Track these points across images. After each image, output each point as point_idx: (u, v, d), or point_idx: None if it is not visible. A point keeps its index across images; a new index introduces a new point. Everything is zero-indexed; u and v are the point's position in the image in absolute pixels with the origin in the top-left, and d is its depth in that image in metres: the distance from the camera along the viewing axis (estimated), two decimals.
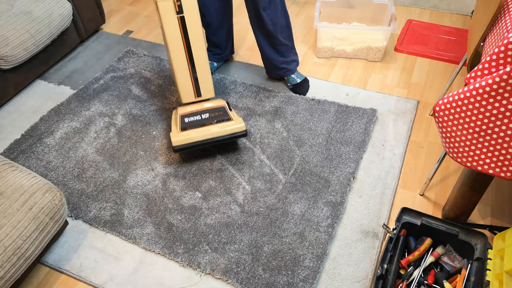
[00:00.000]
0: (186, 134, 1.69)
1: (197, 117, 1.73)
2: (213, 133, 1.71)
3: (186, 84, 1.74)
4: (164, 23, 1.61)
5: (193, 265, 1.46)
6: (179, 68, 1.70)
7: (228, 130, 1.72)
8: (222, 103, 1.77)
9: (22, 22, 2.02)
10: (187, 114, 1.73)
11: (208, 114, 1.74)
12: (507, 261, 1.15)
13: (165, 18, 1.60)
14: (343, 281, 1.41)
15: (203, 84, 1.76)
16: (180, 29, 1.63)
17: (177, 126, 1.72)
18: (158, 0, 1.57)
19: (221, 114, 1.75)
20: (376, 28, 2.19)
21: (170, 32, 1.63)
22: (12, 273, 1.21)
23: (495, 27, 1.25)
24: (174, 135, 1.69)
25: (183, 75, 1.72)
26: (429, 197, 1.66)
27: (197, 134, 1.70)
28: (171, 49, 1.66)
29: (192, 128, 1.71)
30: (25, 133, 1.95)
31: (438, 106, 1.20)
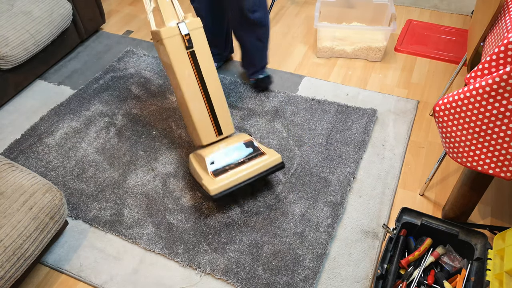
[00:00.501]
0: (221, 182, 1.49)
1: (226, 158, 1.57)
2: (251, 173, 1.53)
3: (205, 124, 1.56)
4: (173, 61, 1.46)
5: (193, 265, 1.46)
6: (195, 108, 1.53)
7: (265, 165, 1.56)
8: (247, 136, 1.63)
9: (22, 22, 2.02)
10: (213, 156, 1.56)
11: (237, 152, 1.59)
12: (507, 261, 1.15)
13: (174, 55, 1.46)
14: (343, 281, 1.41)
15: (223, 120, 1.60)
16: (192, 65, 1.49)
17: (207, 170, 1.53)
18: (164, 37, 1.44)
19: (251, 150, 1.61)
20: (376, 28, 2.19)
21: (181, 70, 1.48)
22: (12, 273, 1.21)
23: (495, 27, 1.25)
24: (209, 183, 1.48)
25: (201, 114, 1.54)
26: (429, 197, 1.66)
27: (232, 179, 1.50)
28: (184, 88, 1.50)
29: (223, 171, 1.53)
30: (25, 133, 1.95)
31: (438, 106, 1.20)
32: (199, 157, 1.59)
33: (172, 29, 1.46)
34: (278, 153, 1.61)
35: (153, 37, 1.53)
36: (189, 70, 1.50)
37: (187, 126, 1.64)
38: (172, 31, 1.46)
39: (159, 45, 1.50)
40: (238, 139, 1.62)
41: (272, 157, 1.58)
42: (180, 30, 1.47)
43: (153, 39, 1.54)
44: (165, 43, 1.45)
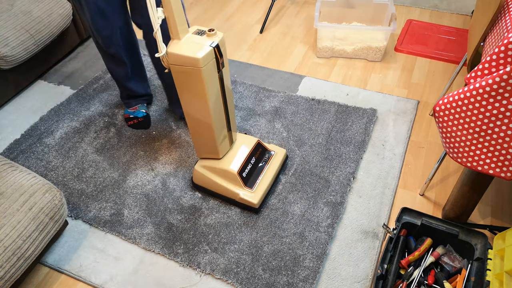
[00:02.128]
0: (259, 190, 1.56)
1: (250, 166, 1.59)
2: (273, 175, 1.64)
3: (223, 138, 1.53)
4: (207, 89, 1.29)
5: (193, 265, 1.46)
6: (218, 126, 1.45)
7: (279, 163, 1.68)
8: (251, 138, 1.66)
9: (22, 22, 2.02)
10: (241, 168, 1.56)
11: (254, 157, 1.62)
12: (507, 261, 1.15)
13: (208, 83, 1.27)
14: (343, 281, 1.41)
15: (233, 128, 1.59)
16: (220, 86, 1.36)
17: (241, 186, 1.55)
18: (202, 65, 1.22)
19: (262, 151, 1.67)
20: (376, 28, 2.19)
21: (212, 95, 1.32)
22: (12, 273, 1.21)
23: (495, 27, 1.25)
24: (251, 198, 1.54)
25: (221, 131, 1.49)
26: (429, 197, 1.66)
27: (264, 185, 1.59)
28: (213, 111, 1.37)
29: (254, 180, 1.59)
30: (25, 133, 1.95)
31: (438, 106, 1.20)
32: (220, 171, 1.56)
33: (209, 55, 1.23)
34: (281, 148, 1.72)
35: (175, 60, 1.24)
36: (218, 92, 1.35)
37: (198, 141, 1.53)
38: (209, 57, 1.23)
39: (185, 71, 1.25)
40: (248, 143, 1.64)
41: (280, 154, 1.71)
42: (216, 54, 1.25)
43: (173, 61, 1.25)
44: (202, 72, 1.23)
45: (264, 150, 1.68)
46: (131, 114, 1.97)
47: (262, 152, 1.67)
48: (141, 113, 1.97)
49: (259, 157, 1.65)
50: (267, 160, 1.66)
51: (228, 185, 1.57)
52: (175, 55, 1.23)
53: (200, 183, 1.65)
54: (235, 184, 1.56)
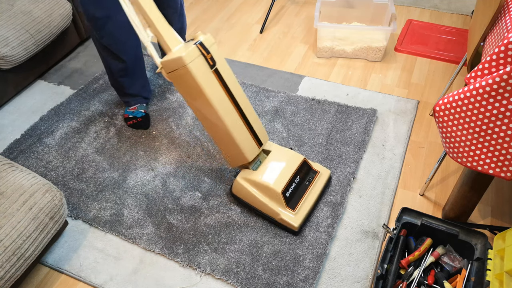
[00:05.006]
0: (300, 212, 1.51)
1: (294, 185, 1.53)
2: (316, 196, 1.58)
3: (247, 139, 1.49)
4: (202, 86, 1.33)
5: (193, 265, 1.46)
6: (234, 126, 1.44)
7: (323, 184, 1.62)
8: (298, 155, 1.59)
9: (22, 22, 2.02)
10: (285, 187, 1.50)
11: (299, 176, 1.56)
12: (507, 261, 1.15)
13: (202, 79, 1.32)
14: (343, 281, 1.41)
15: (258, 130, 1.53)
16: (220, 83, 1.38)
17: (283, 205, 1.50)
18: (187, 62, 1.29)
19: (307, 170, 1.61)
20: (376, 28, 2.19)
21: (212, 92, 1.36)
22: (12, 273, 1.21)
23: (495, 27, 1.25)
24: (292, 220, 1.49)
25: (240, 132, 1.46)
26: (429, 197, 1.66)
27: (307, 206, 1.54)
28: (220, 110, 1.39)
29: (298, 201, 1.53)
30: (25, 133, 1.95)
31: (438, 106, 1.20)
32: (264, 189, 1.51)
33: (192, 51, 1.30)
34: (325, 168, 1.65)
35: (168, 67, 1.35)
36: (219, 89, 1.38)
37: (224, 149, 1.53)
38: (193, 54, 1.30)
39: (179, 74, 1.34)
40: (294, 160, 1.57)
41: (325, 175, 1.65)
42: (201, 50, 1.32)
43: (167, 70, 1.36)
44: (190, 68, 1.29)
45: (309, 169, 1.62)
46: (130, 114, 1.97)
47: (307, 171, 1.61)
48: (140, 113, 1.97)
49: (303, 176, 1.58)
50: (311, 180, 1.59)
51: (270, 203, 1.51)
52: (165, 63, 1.35)
53: (240, 195, 1.59)
54: (277, 203, 1.51)
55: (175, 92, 2.14)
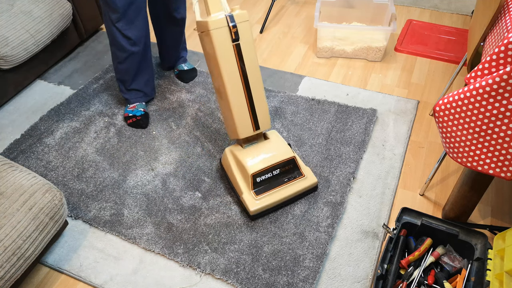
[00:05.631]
0: (263, 200, 1.54)
1: (269, 175, 1.56)
2: (290, 194, 1.58)
3: (244, 117, 1.55)
4: (218, 53, 1.44)
5: (193, 265, 1.46)
6: (235, 100, 1.52)
7: (302, 188, 1.60)
8: (289, 151, 1.60)
9: (22, 22, 2.02)
10: (259, 172, 1.54)
11: (279, 169, 1.58)
12: (507, 261, 1.15)
13: (220, 47, 1.43)
14: (343, 281, 1.41)
15: (261, 115, 1.58)
16: (236, 58, 1.47)
17: (249, 188, 1.55)
18: (211, 28, 1.41)
19: (292, 168, 1.61)
20: (376, 28, 2.19)
21: (225, 63, 1.46)
22: (12, 273, 1.21)
23: (495, 27, 1.25)
24: (251, 203, 1.53)
25: (240, 107, 1.53)
26: (429, 197, 1.66)
27: (274, 198, 1.55)
28: (226, 80, 1.48)
29: (266, 190, 1.56)
30: (25, 133, 1.95)
31: (438, 106, 1.20)
32: (241, 166, 1.57)
33: (220, 21, 1.42)
34: (314, 175, 1.64)
35: (199, 27, 1.48)
36: (233, 62, 1.47)
37: (224, 119, 1.63)
38: (219, 23, 1.42)
39: (204, 36, 1.47)
40: (282, 153, 1.59)
41: (310, 180, 1.61)
42: (228, 22, 1.43)
43: (198, 29, 1.49)
44: (211, 34, 1.42)
45: (295, 168, 1.61)
46: (130, 112, 1.98)
47: (292, 169, 1.61)
48: (140, 112, 1.98)
49: (285, 171, 1.59)
50: (291, 179, 1.60)
51: (241, 180, 1.58)
52: (198, 23, 1.48)
53: (224, 165, 1.68)
54: (245, 183, 1.56)
55: (175, 92, 2.14)
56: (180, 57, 2.22)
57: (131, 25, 1.74)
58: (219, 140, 1.89)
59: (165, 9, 1.94)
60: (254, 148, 1.61)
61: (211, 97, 2.11)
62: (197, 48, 2.47)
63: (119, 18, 1.70)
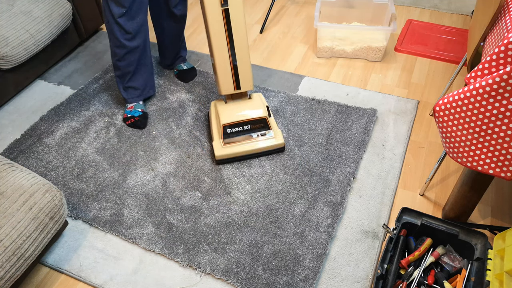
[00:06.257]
0: (229, 148, 1.75)
1: (239, 129, 1.76)
2: (254, 148, 1.76)
3: (226, 75, 1.75)
4: (208, 15, 1.63)
5: (193, 265, 1.46)
6: (220, 59, 1.72)
7: (268, 145, 1.77)
8: (263, 111, 1.77)
9: (22, 22, 2.02)
10: (230, 124, 1.74)
11: (250, 125, 1.77)
12: (507, 261, 1.15)
13: (209, 10, 1.62)
14: (343, 281, 1.41)
15: (243, 76, 1.78)
16: (224, 21, 1.65)
17: (220, 136, 1.76)
18: None
19: (262, 126, 1.78)
20: (376, 28, 2.19)
21: (214, 24, 1.65)
22: (12, 273, 1.21)
23: (495, 27, 1.25)
24: (217, 148, 1.75)
25: (223, 66, 1.73)
26: (429, 197, 1.66)
27: (239, 149, 1.75)
28: (214, 40, 1.67)
29: (234, 141, 1.76)
30: (25, 133, 1.95)
31: (438, 106, 1.20)
32: (217, 117, 1.80)
33: None
34: (283, 137, 1.80)
35: None
36: (221, 25, 1.65)
37: (214, 75, 1.83)
38: None
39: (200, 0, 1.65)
40: (256, 112, 1.77)
41: (277, 141, 1.78)
42: None
43: None
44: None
45: (265, 127, 1.78)
46: (128, 113, 1.99)
47: (262, 127, 1.78)
48: (138, 112, 1.98)
49: (255, 128, 1.77)
50: (260, 136, 1.78)
51: (215, 129, 1.80)
52: None
53: (209, 114, 1.92)
54: (218, 132, 1.78)
55: (175, 92, 2.14)
56: (179, 57, 2.22)
57: (132, 20, 1.76)
58: None
59: (166, 5, 1.95)
60: (233, 104, 1.82)
61: (211, 97, 2.11)
62: (197, 48, 2.47)
63: (124, 13, 1.72)
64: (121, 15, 1.71)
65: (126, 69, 1.90)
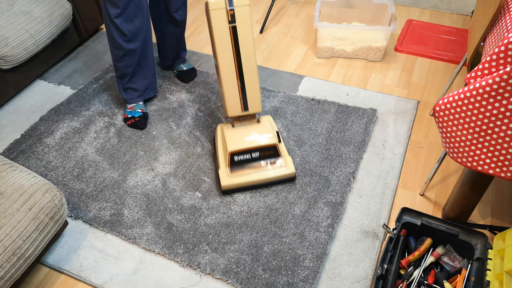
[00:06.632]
0: (236, 178, 1.63)
1: (248, 156, 1.64)
2: (263, 178, 1.64)
3: (233, 96, 1.65)
4: (214, 32, 1.55)
5: (193, 265, 1.46)
6: (226, 79, 1.62)
7: (279, 175, 1.65)
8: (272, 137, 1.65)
9: (22, 22, 2.02)
10: (237, 152, 1.62)
11: (259, 153, 1.65)
12: (507, 261, 1.15)
13: (216, 27, 1.55)
14: (343, 281, 1.41)
15: (251, 97, 1.67)
16: (231, 39, 1.57)
17: (226, 164, 1.65)
18: (211, 8, 1.52)
19: (272, 154, 1.66)
20: (376, 28, 2.19)
21: (221, 42, 1.57)
22: (12, 273, 1.21)
23: (495, 27, 1.25)
24: (224, 178, 1.63)
25: (230, 87, 1.63)
26: (429, 197, 1.66)
27: (247, 178, 1.63)
28: (220, 58, 1.59)
29: (242, 169, 1.64)
30: (25, 133, 1.95)
31: (438, 106, 1.20)
32: (224, 143, 1.68)
33: (219, 2, 1.53)
34: (294, 166, 1.67)
35: (206, 7, 1.58)
36: (228, 43, 1.58)
37: (220, 96, 1.75)
38: (218, 4, 1.54)
39: (208, 16, 1.58)
40: (265, 138, 1.65)
41: (288, 170, 1.66)
42: (226, 4, 1.53)
43: (206, 9, 1.59)
44: (210, 14, 1.53)
45: (275, 154, 1.66)
46: (129, 114, 1.99)
47: (272, 155, 1.66)
48: (138, 113, 1.99)
49: (265, 156, 1.65)
50: (269, 164, 1.66)
51: (221, 156, 1.68)
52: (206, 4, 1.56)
53: (214, 138, 1.81)
54: (224, 159, 1.66)
55: (175, 92, 2.14)
56: (179, 58, 2.23)
57: (129, 22, 1.75)
58: None
59: (166, 10, 1.95)
60: (241, 128, 1.71)
61: (211, 97, 2.11)
62: (197, 48, 2.47)
63: (119, 14, 1.71)
64: (116, 15, 1.71)
65: (125, 71, 1.90)
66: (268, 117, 1.77)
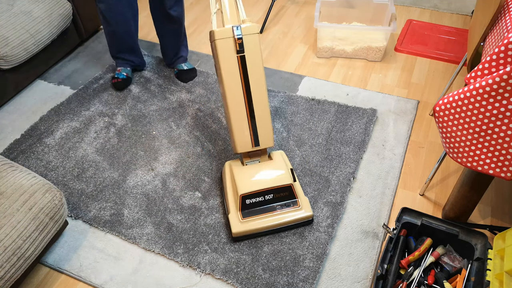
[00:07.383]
0: (249, 223, 1.47)
1: (260, 199, 1.49)
2: (279, 223, 1.49)
3: (243, 131, 1.51)
4: (221, 63, 1.44)
5: (193, 265, 1.46)
6: (235, 113, 1.49)
7: (293, 219, 1.50)
8: (287, 177, 1.51)
9: (22, 22, 2.02)
10: (249, 194, 1.48)
11: (273, 195, 1.50)
12: (507, 261, 1.15)
13: (223, 57, 1.44)
14: (343, 281, 1.41)
15: (262, 132, 1.53)
16: (240, 69, 1.46)
17: (237, 208, 1.49)
18: (216, 38, 1.42)
19: (287, 195, 1.51)
20: (376, 28, 2.19)
21: (228, 73, 1.45)
22: (12, 273, 1.21)
23: (495, 27, 1.25)
24: (235, 224, 1.47)
25: (239, 121, 1.50)
26: (429, 197, 1.66)
27: (261, 224, 1.47)
28: (228, 90, 1.47)
29: (254, 214, 1.49)
30: (25, 133, 1.95)
31: (438, 106, 1.20)
32: (234, 184, 1.53)
33: (226, 31, 1.43)
34: (311, 208, 1.53)
35: (210, 37, 1.48)
36: (236, 73, 1.46)
37: (228, 130, 1.61)
38: (225, 33, 1.43)
39: (213, 45, 1.47)
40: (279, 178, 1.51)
41: (304, 213, 1.51)
42: (234, 33, 1.43)
43: (210, 39, 1.49)
44: (216, 44, 1.43)
45: (291, 195, 1.52)
46: (116, 74, 2.19)
47: (287, 196, 1.52)
48: (122, 75, 2.17)
49: (279, 198, 1.51)
50: (284, 207, 1.51)
51: (231, 198, 1.53)
52: (210, 33, 1.48)
53: (222, 177, 1.66)
54: (234, 202, 1.52)
55: (175, 92, 2.14)
56: (180, 56, 2.23)
57: (109, 9, 1.90)
58: (219, 140, 1.90)
59: (161, 7, 1.99)
60: (252, 167, 1.55)
61: (211, 97, 2.11)
62: (197, 48, 2.47)
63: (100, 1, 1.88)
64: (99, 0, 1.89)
65: (111, 42, 2.09)
66: (280, 152, 1.64)
